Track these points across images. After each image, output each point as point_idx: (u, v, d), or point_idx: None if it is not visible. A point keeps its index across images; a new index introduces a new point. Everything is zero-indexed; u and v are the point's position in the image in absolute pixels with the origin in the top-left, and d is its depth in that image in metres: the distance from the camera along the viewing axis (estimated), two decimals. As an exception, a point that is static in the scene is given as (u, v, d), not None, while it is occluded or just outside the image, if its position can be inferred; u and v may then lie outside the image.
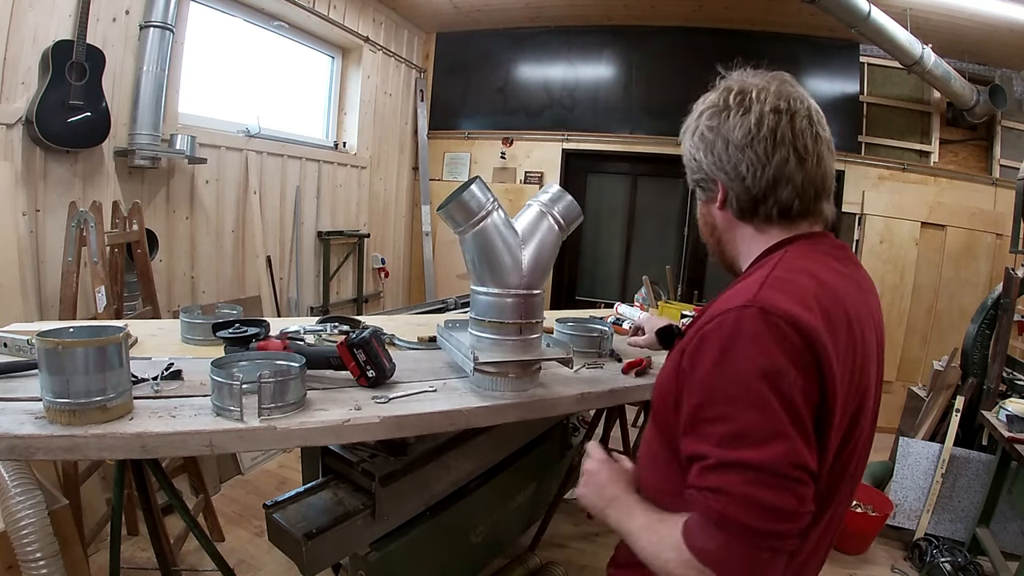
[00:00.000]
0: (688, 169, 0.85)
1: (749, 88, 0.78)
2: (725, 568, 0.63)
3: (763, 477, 0.62)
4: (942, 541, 2.44)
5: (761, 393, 0.63)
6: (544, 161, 4.72)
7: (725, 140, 0.77)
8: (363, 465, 1.44)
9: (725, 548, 0.63)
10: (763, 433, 0.63)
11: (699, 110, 0.82)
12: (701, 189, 0.85)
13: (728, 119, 0.77)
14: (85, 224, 2.09)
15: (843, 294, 0.73)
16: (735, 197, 0.79)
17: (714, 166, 0.79)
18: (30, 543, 1.32)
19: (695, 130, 0.82)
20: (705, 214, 0.87)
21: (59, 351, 0.90)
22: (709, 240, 0.89)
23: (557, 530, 2.50)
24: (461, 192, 1.18)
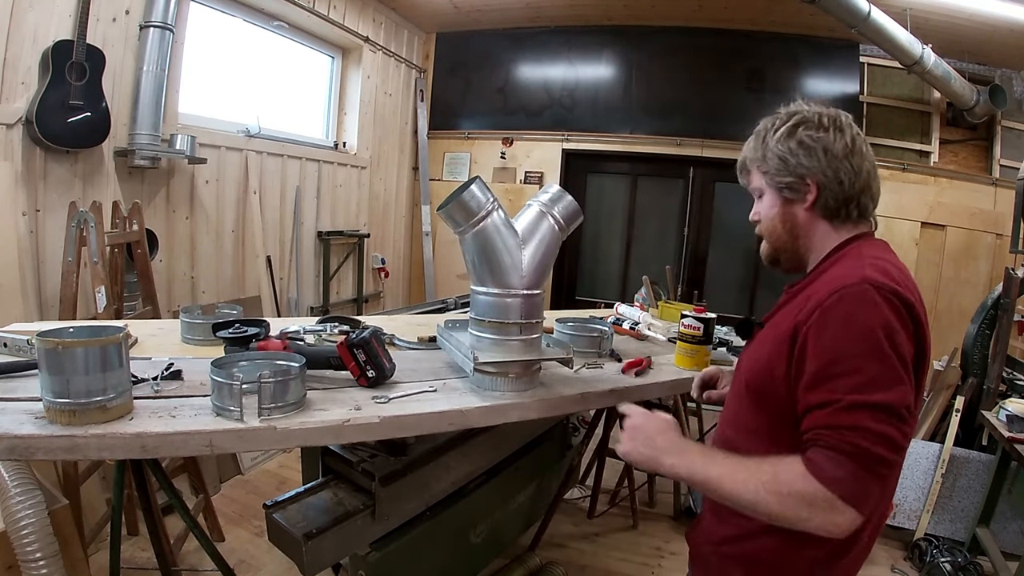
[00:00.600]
0: (773, 171, 0.95)
1: (836, 114, 0.94)
2: (853, 492, 0.74)
3: (888, 416, 0.75)
4: (942, 541, 2.44)
5: (883, 348, 0.77)
6: (544, 161, 4.72)
7: (825, 150, 0.91)
8: (363, 465, 1.44)
9: (854, 475, 0.74)
10: (887, 380, 0.76)
11: (791, 122, 0.94)
12: (789, 189, 0.94)
13: (829, 134, 0.91)
14: (85, 224, 2.09)
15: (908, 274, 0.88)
16: (829, 198, 0.92)
17: (814, 169, 0.91)
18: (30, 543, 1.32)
19: (790, 137, 0.93)
20: (785, 213, 0.96)
21: (59, 351, 0.90)
22: (784, 237, 0.97)
23: (557, 530, 2.50)
24: (461, 192, 1.18)
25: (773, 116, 0.98)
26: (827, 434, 0.77)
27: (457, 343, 1.31)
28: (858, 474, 0.74)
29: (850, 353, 0.78)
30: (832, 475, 0.75)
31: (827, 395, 0.78)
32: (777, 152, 0.94)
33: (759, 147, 0.97)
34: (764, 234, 1.02)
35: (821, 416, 0.78)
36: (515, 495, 2.04)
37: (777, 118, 0.97)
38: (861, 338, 0.79)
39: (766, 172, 0.96)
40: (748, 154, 1.01)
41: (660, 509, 2.84)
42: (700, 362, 1.64)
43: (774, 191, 0.97)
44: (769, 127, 0.97)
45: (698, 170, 4.54)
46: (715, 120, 4.37)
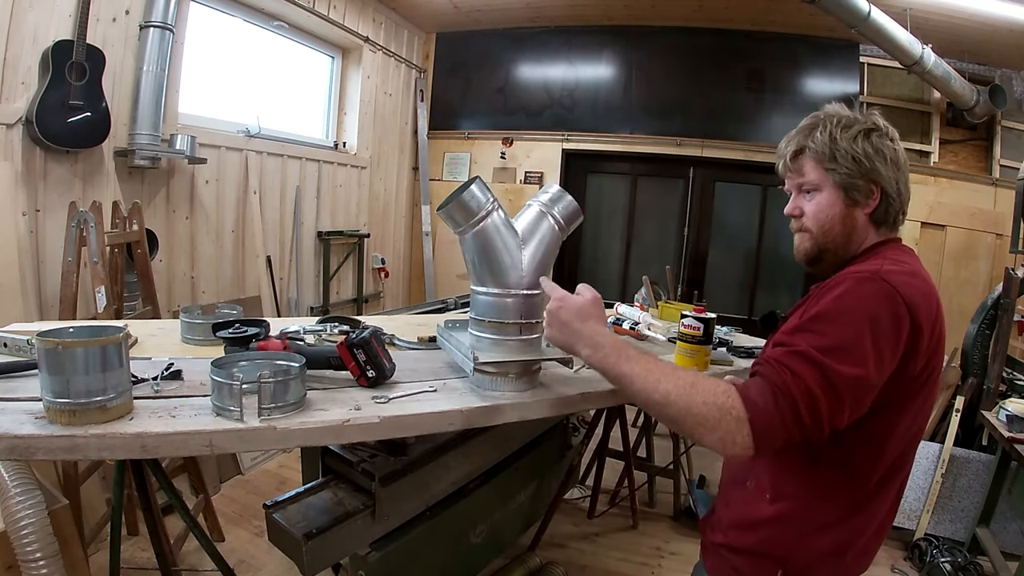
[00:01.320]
0: (846, 171, 0.93)
1: (892, 128, 0.96)
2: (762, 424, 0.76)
3: (828, 384, 0.76)
4: (942, 541, 2.44)
5: (861, 328, 0.78)
6: (544, 161, 4.72)
7: (893, 160, 0.93)
8: (363, 465, 1.43)
9: (771, 411, 0.76)
10: (848, 355, 0.77)
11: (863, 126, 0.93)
12: (855, 191, 0.93)
13: (894, 144, 0.94)
14: (85, 224, 2.09)
15: (927, 280, 0.90)
16: (889, 206, 0.94)
17: (886, 177, 0.93)
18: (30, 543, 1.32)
19: (866, 140, 0.92)
20: (847, 215, 0.95)
21: (59, 351, 0.90)
22: (839, 238, 0.96)
23: (557, 530, 2.50)
24: (461, 192, 1.18)
25: (830, 114, 0.96)
26: (770, 367, 0.80)
27: (457, 343, 1.31)
28: (774, 413, 0.76)
29: (828, 318, 0.81)
30: (755, 399, 0.77)
31: (788, 340, 0.82)
32: (852, 152, 0.92)
33: (827, 142, 0.93)
34: (815, 230, 0.98)
35: (775, 352, 0.82)
36: (515, 495, 2.04)
37: (841, 117, 0.95)
38: (845, 312, 0.81)
39: (833, 169, 0.93)
40: (810, 144, 0.96)
41: (660, 509, 2.84)
42: (700, 362, 1.64)
43: (838, 190, 0.94)
44: (835, 124, 0.94)
45: (698, 170, 4.54)
46: (715, 120, 4.37)
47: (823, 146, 0.94)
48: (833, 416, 0.77)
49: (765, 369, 0.81)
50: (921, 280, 0.88)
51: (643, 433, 3.00)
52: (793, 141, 0.99)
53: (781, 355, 0.80)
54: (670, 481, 2.77)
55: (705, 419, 0.78)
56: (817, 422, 0.76)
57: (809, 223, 0.98)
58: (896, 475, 0.93)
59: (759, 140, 4.30)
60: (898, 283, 0.82)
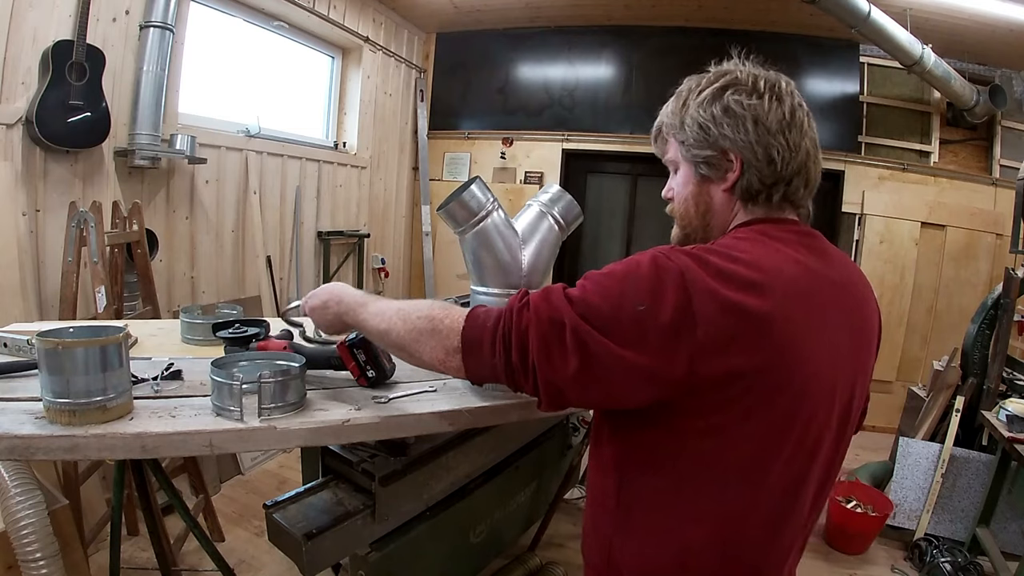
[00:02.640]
0: (691, 141, 0.78)
1: (775, 79, 0.78)
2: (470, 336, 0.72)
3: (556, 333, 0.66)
4: (942, 541, 2.44)
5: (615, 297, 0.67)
6: (544, 161, 4.72)
7: (756, 121, 0.74)
8: (363, 465, 1.43)
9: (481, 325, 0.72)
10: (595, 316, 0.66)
11: (719, 83, 0.77)
12: (707, 165, 0.78)
13: (763, 102, 0.75)
14: (85, 224, 2.09)
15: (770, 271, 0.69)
16: (753, 178, 0.76)
17: (740, 143, 0.75)
18: (30, 543, 1.32)
19: (715, 101, 0.76)
20: (699, 193, 0.81)
21: (59, 351, 0.90)
22: (695, 222, 0.83)
23: (557, 530, 2.50)
24: (461, 192, 1.18)
25: (700, 75, 0.82)
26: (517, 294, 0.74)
27: (457, 343, 1.31)
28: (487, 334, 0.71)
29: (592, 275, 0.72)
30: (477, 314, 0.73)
31: None
32: (698, 119, 0.77)
33: (678, 111, 0.81)
34: (675, 215, 0.87)
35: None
36: (515, 495, 2.04)
37: (704, 78, 0.80)
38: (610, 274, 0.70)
39: (683, 142, 0.80)
40: (664, 119, 0.85)
41: (660, 509, 2.84)
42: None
43: (690, 165, 0.81)
44: (693, 88, 0.80)
45: (698, 170, 4.54)
46: (715, 120, 4.37)
47: (673, 116, 0.82)
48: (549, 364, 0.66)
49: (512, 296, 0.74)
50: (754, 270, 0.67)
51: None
52: (658, 116, 0.88)
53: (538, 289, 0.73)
54: (670, 481, 2.77)
55: (420, 332, 0.75)
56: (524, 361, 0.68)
57: (675, 205, 0.86)
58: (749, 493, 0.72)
59: (759, 140, 4.30)
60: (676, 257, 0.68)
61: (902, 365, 4.07)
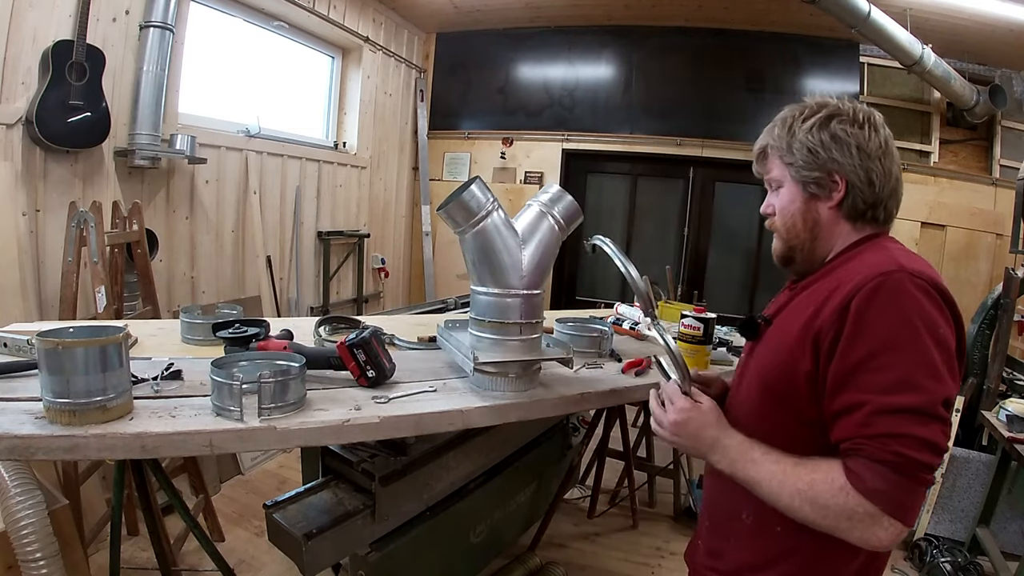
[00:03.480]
0: (800, 163, 0.88)
1: (869, 112, 0.89)
2: (896, 505, 0.70)
3: (929, 417, 0.70)
4: (942, 541, 2.44)
5: (922, 340, 0.72)
6: (544, 161, 4.72)
7: (859, 147, 0.85)
8: (363, 465, 1.44)
9: (898, 487, 0.70)
10: (925, 376, 0.71)
11: (823, 112, 0.87)
12: (816, 185, 0.88)
13: (863, 131, 0.86)
14: (85, 224, 2.09)
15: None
16: (857, 198, 0.87)
17: (847, 167, 0.86)
18: (30, 543, 1.32)
19: (823, 128, 0.86)
20: (807, 210, 0.90)
21: (59, 351, 0.90)
22: (802, 235, 0.91)
23: (557, 530, 2.50)
24: (461, 192, 1.18)
25: (800, 105, 0.91)
26: (866, 444, 0.72)
27: (457, 343, 1.31)
28: (902, 484, 0.70)
29: (885, 346, 0.73)
30: (874, 487, 0.70)
31: (858, 396, 0.73)
32: (807, 143, 0.87)
33: (784, 135, 0.90)
34: (780, 230, 0.94)
35: (854, 422, 0.73)
36: (515, 495, 2.04)
37: (807, 107, 0.90)
38: (898, 330, 0.73)
39: (791, 163, 0.90)
40: (771, 141, 0.93)
41: (660, 509, 2.84)
42: (700, 362, 1.64)
43: (797, 185, 0.90)
44: (797, 115, 0.90)
45: (698, 170, 4.54)
46: (715, 120, 4.37)
47: (780, 140, 0.91)
48: (946, 435, 0.72)
49: (864, 450, 0.72)
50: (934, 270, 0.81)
51: (643, 433, 3.00)
52: (760, 139, 0.96)
53: (864, 426, 0.72)
54: (670, 481, 2.77)
55: (836, 524, 0.73)
56: (939, 452, 0.71)
57: (777, 221, 0.94)
58: None
59: (759, 140, 4.31)
60: (927, 274, 0.76)
61: (902, 365, 4.07)
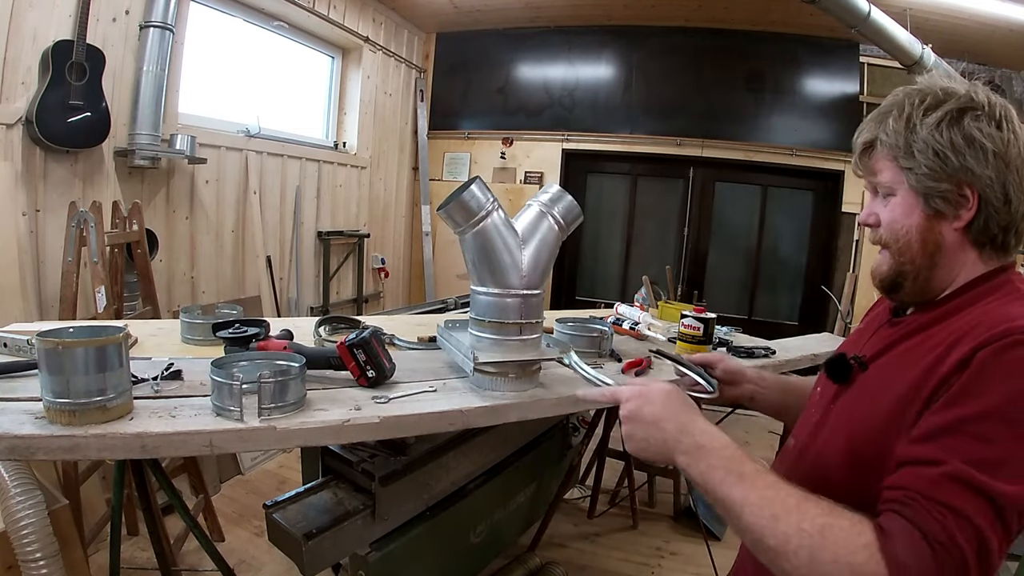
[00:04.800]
0: (925, 170, 0.69)
1: (1006, 106, 0.70)
2: None
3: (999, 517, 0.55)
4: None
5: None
6: (544, 161, 4.72)
7: (996, 154, 0.66)
8: (363, 465, 1.44)
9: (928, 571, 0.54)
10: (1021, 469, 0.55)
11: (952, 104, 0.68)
12: (942, 199, 0.69)
13: (1003, 132, 0.67)
14: (85, 224, 2.09)
15: None
16: (991, 219, 0.68)
17: (984, 179, 0.67)
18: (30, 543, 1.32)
19: (954, 126, 0.67)
20: (928, 229, 0.71)
21: (59, 351, 0.90)
22: (919, 259, 0.72)
23: (557, 530, 2.50)
24: (461, 192, 1.18)
25: (918, 90, 0.71)
26: (919, 502, 0.56)
27: (457, 343, 1.31)
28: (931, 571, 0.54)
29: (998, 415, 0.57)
30: (904, 562, 0.54)
31: (937, 453, 0.58)
32: (934, 144, 0.67)
33: (902, 131, 0.70)
34: (889, 246, 0.74)
35: (919, 475, 0.58)
36: (515, 495, 2.04)
37: (928, 94, 0.70)
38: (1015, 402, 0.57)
39: (911, 168, 0.70)
40: (882, 136, 0.73)
41: (660, 509, 2.84)
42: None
43: (918, 196, 0.70)
44: (917, 104, 0.70)
45: (698, 170, 4.54)
46: (715, 120, 4.38)
47: (896, 136, 0.71)
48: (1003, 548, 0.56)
49: (914, 512, 0.56)
50: None
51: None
52: (865, 130, 0.76)
53: (928, 483, 0.57)
54: (670, 481, 2.77)
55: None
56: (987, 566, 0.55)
57: (886, 236, 0.74)
58: None
59: (759, 140, 4.31)
60: None
61: (902, 365, 4.07)
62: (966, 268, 0.71)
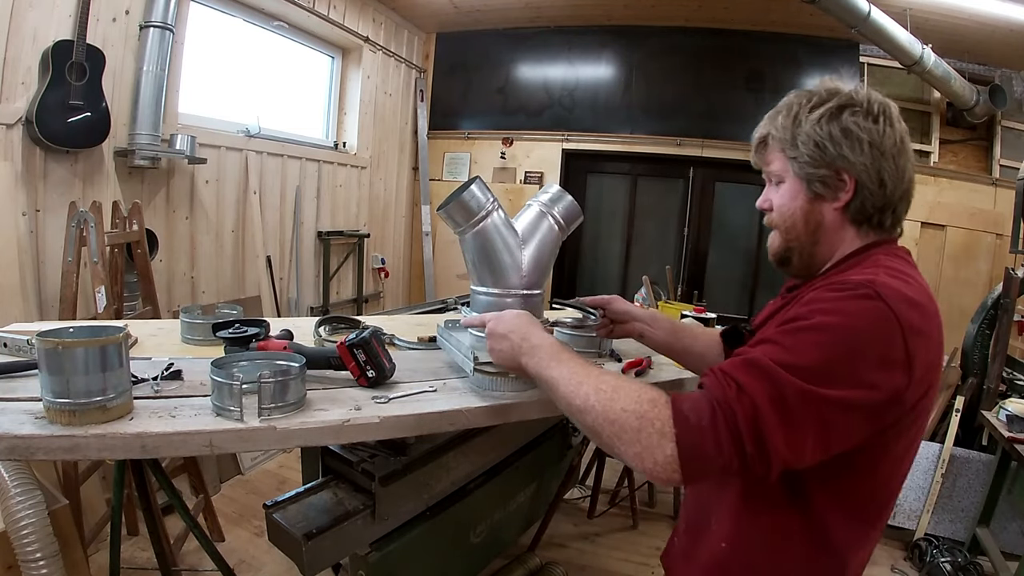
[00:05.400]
0: (806, 158, 0.79)
1: (885, 102, 0.80)
2: (689, 444, 0.63)
3: (785, 407, 0.62)
4: (942, 541, 2.44)
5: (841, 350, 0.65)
6: (544, 161, 4.72)
7: (872, 143, 0.77)
8: (363, 465, 1.43)
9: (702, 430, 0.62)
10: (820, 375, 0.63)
11: (834, 102, 0.78)
12: (821, 183, 0.80)
13: (879, 125, 0.77)
14: (85, 224, 2.09)
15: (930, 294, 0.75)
16: (866, 201, 0.79)
17: (858, 166, 0.77)
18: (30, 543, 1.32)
19: (833, 120, 0.78)
20: (810, 210, 0.82)
21: (59, 351, 0.90)
22: (802, 237, 0.83)
23: (557, 530, 2.50)
24: (461, 192, 1.18)
25: (808, 92, 0.82)
26: (713, 377, 0.66)
27: (457, 343, 1.31)
28: (707, 431, 0.62)
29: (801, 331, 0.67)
30: (686, 412, 0.64)
31: (751, 351, 0.68)
32: (814, 136, 0.78)
33: (790, 126, 0.81)
34: (778, 227, 0.87)
35: (730, 361, 0.68)
36: (515, 495, 2.04)
37: (815, 94, 0.81)
38: (828, 327, 0.66)
39: (795, 158, 0.81)
40: (773, 131, 0.85)
41: (660, 509, 2.84)
42: (700, 362, 1.64)
43: (801, 181, 0.82)
44: (804, 103, 0.81)
45: (698, 170, 4.54)
46: (715, 120, 4.37)
47: (784, 131, 0.82)
48: (788, 446, 0.62)
49: (708, 380, 0.67)
50: (925, 297, 0.73)
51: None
52: (760, 127, 0.88)
53: (730, 364, 0.67)
54: (670, 481, 2.77)
55: (623, 428, 0.65)
56: (762, 449, 0.62)
57: (776, 218, 0.87)
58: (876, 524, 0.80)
59: (759, 140, 4.31)
60: (897, 304, 0.67)
61: (902, 365, 4.07)
62: (844, 244, 0.82)
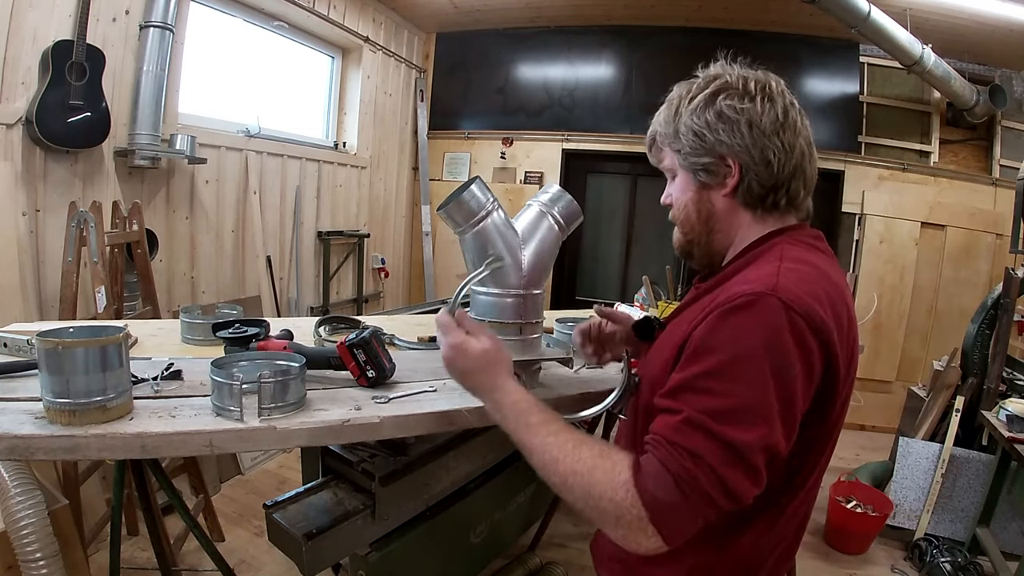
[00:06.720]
0: (687, 149, 0.79)
1: (765, 79, 0.79)
2: (667, 521, 0.64)
3: (737, 459, 0.64)
4: (942, 541, 2.44)
5: (765, 380, 0.64)
6: (544, 161, 4.72)
7: (750, 124, 0.75)
8: (363, 465, 1.44)
9: (676, 507, 0.64)
10: (753, 415, 0.64)
11: (709, 89, 0.78)
12: (706, 172, 0.79)
13: (755, 104, 0.76)
14: (85, 224, 2.09)
15: (838, 283, 0.75)
16: (753, 182, 0.77)
17: (737, 148, 0.76)
18: (30, 543, 1.32)
19: (708, 107, 0.77)
20: (700, 200, 0.82)
21: (59, 351, 0.90)
22: (698, 227, 0.83)
23: (557, 530, 2.50)
24: (461, 192, 1.18)
25: (689, 82, 0.82)
26: (664, 446, 0.66)
27: (457, 343, 1.31)
28: (681, 508, 0.64)
29: (725, 372, 0.66)
30: (654, 495, 0.64)
31: (677, 404, 0.67)
32: (692, 126, 0.78)
33: (671, 119, 0.82)
34: (676, 222, 0.87)
35: (666, 423, 0.68)
36: (515, 495, 2.04)
37: (694, 84, 0.81)
38: (744, 360, 0.65)
39: (679, 150, 0.81)
40: (658, 128, 0.85)
41: (660, 509, 2.84)
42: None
43: (688, 172, 0.82)
44: (684, 95, 0.81)
45: (698, 170, 4.54)
46: (715, 120, 4.37)
47: (667, 126, 0.82)
48: (754, 483, 0.65)
49: (660, 452, 0.66)
50: (830, 285, 0.72)
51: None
52: (650, 126, 0.88)
53: (671, 430, 0.66)
54: (670, 481, 2.77)
55: (604, 514, 0.67)
56: (732, 497, 0.64)
57: (674, 212, 0.87)
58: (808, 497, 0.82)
59: (759, 140, 4.31)
60: (803, 301, 0.66)
61: (902, 365, 4.07)
62: (743, 230, 0.81)
